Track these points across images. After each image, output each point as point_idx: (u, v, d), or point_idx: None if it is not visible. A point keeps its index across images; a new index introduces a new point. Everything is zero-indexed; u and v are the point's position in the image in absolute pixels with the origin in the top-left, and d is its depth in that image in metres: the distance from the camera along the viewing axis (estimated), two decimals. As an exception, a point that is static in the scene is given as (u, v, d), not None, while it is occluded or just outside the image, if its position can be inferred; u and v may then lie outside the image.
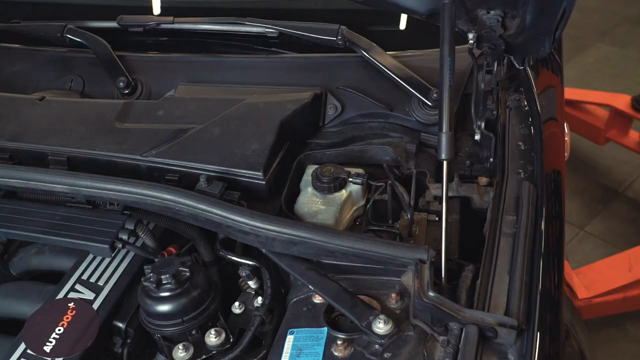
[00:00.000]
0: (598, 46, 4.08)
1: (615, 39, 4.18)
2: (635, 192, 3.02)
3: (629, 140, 2.96)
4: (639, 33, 4.23)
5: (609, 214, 2.90)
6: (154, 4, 1.73)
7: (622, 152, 3.04)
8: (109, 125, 1.31)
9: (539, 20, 1.09)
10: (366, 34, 1.44)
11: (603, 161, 3.14)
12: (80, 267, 1.17)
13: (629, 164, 3.11)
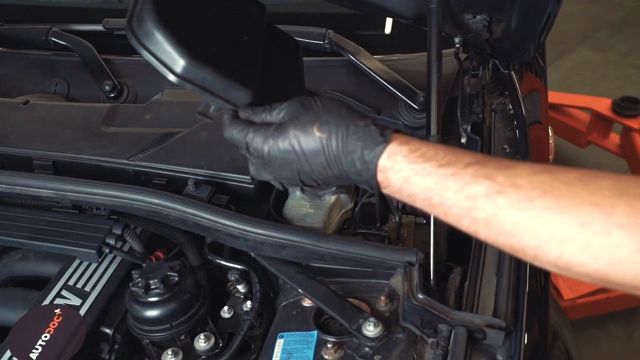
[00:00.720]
0: (579, 50, 4.14)
1: (596, 44, 4.24)
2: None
3: (609, 143, 3.01)
4: (618, 38, 4.30)
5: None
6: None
7: (603, 154, 3.09)
8: (95, 129, 1.30)
9: (524, 25, 1.10)
10: (353, 38, 1.45)
11: (585, 164, 3.18)
12: (66, 272, 1.15)
13: (609, 166, 3.15)
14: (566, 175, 0.63)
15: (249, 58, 0.90)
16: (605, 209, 0.59)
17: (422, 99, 1.35)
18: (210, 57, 0.83)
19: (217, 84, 0.84)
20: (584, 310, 2.29)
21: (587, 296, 2.27)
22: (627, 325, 2.44)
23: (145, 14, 0.81)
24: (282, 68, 1.01)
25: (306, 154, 0.77)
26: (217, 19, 0.89)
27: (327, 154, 0.76)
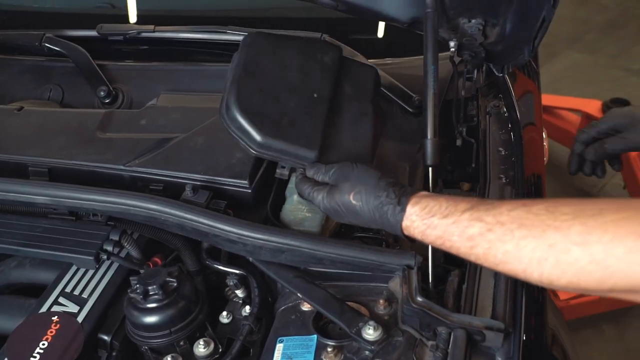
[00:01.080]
0: (568, 53, 4.18)
1: (585, 46, 4.28)
2: (607, 195, 3.09)
3: (600, 145, 3.03)
4: (607, 40, 4.34)
5: (584, 217, 2.96)
6: (130, 13, 1.72)
7: (594, 155, 3.11)
8: (91, 135, 1.29)
9: (518, 29, 1.12)
10: (347, 42, 1.45)
11: (576, 165, 3.20)
12: (63, 279, 1.15)
13: (600, 167, 3.18)
14: (537, 207, 0.77)
15: (317, 117, 1.09)
16: (563, 230, 0.73)
17: (417, 102, 1.36)
18: (281, 129, 1.05)
19: (287, 152, 1.06)
20: (577, 311, 2.31)
21: (580, 297, 2.29)
22: (618, 325, 2.46)
23: (231, 103, 1.06)
24: (353, 107, 1.14)
25: (348, 214, 0.99)
26: (289, 87, 1.09)
27: (364, 216, 0.97)
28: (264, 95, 1.06)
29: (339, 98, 1.13)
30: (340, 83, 1.15)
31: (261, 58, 1.12)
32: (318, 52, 1.17)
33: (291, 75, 1.11)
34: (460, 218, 0.84)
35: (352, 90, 1.16)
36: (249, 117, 1.03)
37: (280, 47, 1.15)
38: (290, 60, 1.13)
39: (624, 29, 4.44)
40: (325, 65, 1.15)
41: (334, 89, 1.13)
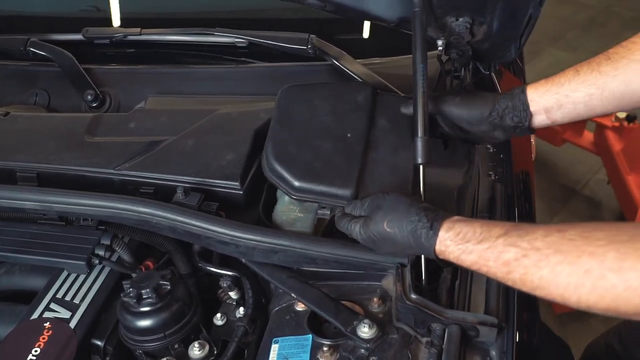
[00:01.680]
0: (550, 51, 4.22)
1: (567, 44, 4.33)
2: (591, 191, 3.13)
3: (583, 141, 3.07)
4: (588, 37, 4.39)
5: (569, 212, 2.99)
6: (113, 17, 1.71)
7: (577, 152, 3.15)
8: (79, 139, 1.28)
9: (505, 27, 1.13)
10: (334, 42, 1.46)
11: (561, 162, 3.24)
12: (54, 285, 1.14)
13: (584, 163, 3.22)
14: (571, 232, 0.78)
15: (351, 156, 1.12)
16: (599, 256, 0.74)
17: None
18: (315, 173, 1.10)
19: (324, 193, 1.09)
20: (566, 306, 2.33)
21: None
22: (606, 319, 2.48)
23: (268, 155, 1.13)
24: (390, 140, 1.16)
25: (385, 243, 0.98)
26: (323, 132, 1.14)
27: (400, 243, 0.96)
28: (299, 144, 1.13)
29: (374, 134, 1.16)
30: (375, 119, 1.18)
31: (294, 109, 1.19)
32: (349, 93, 1.21)
33: (324, 121, 1.16)
34: (495, 244, 0.85)
35: (388, 124, 1.18)
36: (284, 165, 1.10)
37: (313, 95, 1.21)
38: (322, 106, 1.18)
39: (605, 27, 4.50)
40: (358, 105, 1.19)
41: (368, 126, 1.16)
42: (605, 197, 3.03)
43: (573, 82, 1.00)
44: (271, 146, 1.13)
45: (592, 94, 0.99)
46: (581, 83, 1.00)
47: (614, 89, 0.98)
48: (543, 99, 1.03)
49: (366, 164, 1.12)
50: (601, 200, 3.05)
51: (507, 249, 0.83)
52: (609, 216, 2.99)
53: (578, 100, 1.01)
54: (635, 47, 0.96)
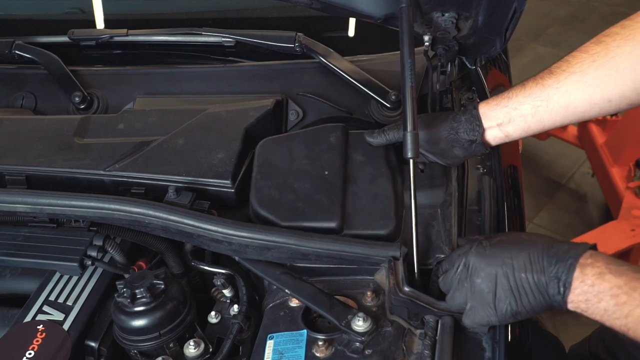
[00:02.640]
0: (533, 47, 4.26)
1: (548, 40, 4.38)
2: (576, 184, 3.17)
3: (568, 135, 3.11)
4: (569, 33, 4.45)
5: (554, 205, 3.03)
6: (97, 19, 1.70)
7: (562, 146, 3.19)
8: (68, 141, 1.28)
9: (490, 21, 1.14)
10: (321, 40, 1.47)
11: (546, 156, 3.28)
12: (46, 288, 1.14)
13: (568, 157, 3.26)
14: None
15: (332, 191, 1.16)
16: None
17: (393, 97, 1.38)
18: (299, 212, 1.14)
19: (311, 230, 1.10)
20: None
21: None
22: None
23: (253, 203, 1.17)
24: (368, 171, 1.20)
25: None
26: (301, 175, 1.19)
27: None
28: (280, 188, 1.17)
29: (351, 168, 1.21)
30: (350, 155, 1.23)
31: (273, 159, 1.23)
32: (322, 136, 1.25)
33: (301, 164, 1.21)
34: None
35: (363, 158, 1.23)
36: (268, 209, 1.14)
37: (288, 144, 1.25)
38: (298, 152, 1.23)
39: (585, 22, 4.56)
40: (332, 145, 1.23)
41: (344, 162, 1.21)
42: (590, 189, 3.07)
43: (520, 95, 1.06)
44: (254, 194, 1.17)
45: (539, 106, 1.04)
46: (527, 96, 1.05)
47: (558, 100, 1.03)
48: (493, 112, 1.08)
49: (347, 196, 1.16)
50: (586, 193, 3.10)
51: None
52: (594, 208, 3.03)
53: (526, 113, 1.05)
54: (574, 60, 1.02)
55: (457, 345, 0.95)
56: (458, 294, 0.95)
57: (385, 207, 1.15)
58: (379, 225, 1.13)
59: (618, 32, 0.99)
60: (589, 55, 1.01)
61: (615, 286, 0.83)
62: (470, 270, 0.94)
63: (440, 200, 1.18)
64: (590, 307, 0.85)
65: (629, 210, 2.46)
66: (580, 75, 1.01)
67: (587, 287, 0.85)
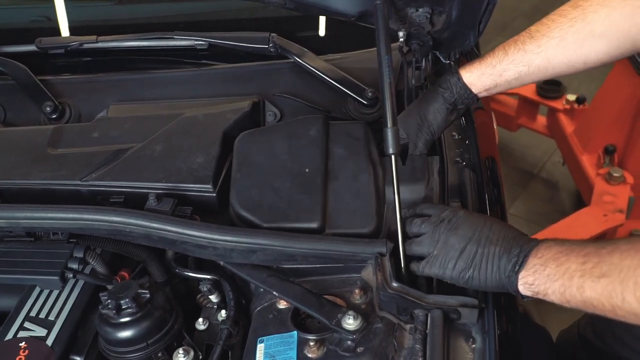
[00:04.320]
0: (499, 40, 4.24)
1: (514, 32, 4.35)
2: (548, 173, 3.23)
3: (538, 125, 3.16)
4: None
5: (529, 195, 3.08)
6: (61, 26, 1.67)
7: (533, 136, 3.24)
8: (41, 152, 1.25)
9: (464, 15, 1.15)
10: (295, 40, 1.46)
11: (517, 147, 3.33)
12: (26, 303, 1.11)
13: (539, 147, 3.32)
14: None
15: (312, 190, 1.15)
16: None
17: (370, 95, 1.38)
18: (280, 212, 1.13)
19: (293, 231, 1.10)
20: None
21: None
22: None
23: (233, 204, 1.15)
24: (349, 166, 1.19)
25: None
26: (281, 172, 1.17)
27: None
28: (260, 188, 1.16)
29: (332, 164, 1.20)
30: (330, 149, 1.22)
31: (252, 155, 1.21)
32: (302, 129, 1.24)
33: (281, 161, 1.19)
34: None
35: (344, 152, 1.22)
36: (249, 211, 1.13)
37: (267, 138, 1.24)
38: (278, 147, 1.21)
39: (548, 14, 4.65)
40: (312, 139, 1.22)
41: (324, 158, 1.20)
42: (562, 178, 3.13)
43: (504, 62, 1.13)
44: (235, 194, 1.16)
45: (521, 71, 1.12)
46: (511, 63, 1.12)
47: (538, 64, 1.10)
48: (480, 81, 1.16)
49: (328, 195, 1.16)
50: (558, 181, 3.16)
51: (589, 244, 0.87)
52: (566, 196, 3.09)
53: (510, 78, 1.14)
54: (554, 25, 1.09)
55: (448, 338, 0.96)
56: (429, 240, 1.00)
57: (367, 206, 1.15)
58: (360, 224, 1.13)
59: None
60: (567, 19, 1.07)
61: (557, 252, 0.89)
62: (452, 225, 0.99)
63: (422, 195, 1.19)
64: (537, 279, 0.90)
65: (600, 196, 2.51)
66: (560, 40, 1.07)
67: (537, 259, 0.91)
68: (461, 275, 0.96)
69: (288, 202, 1.14)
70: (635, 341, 1.32)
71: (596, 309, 0.85)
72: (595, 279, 0.83)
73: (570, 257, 0.87)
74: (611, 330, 1.38)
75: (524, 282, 0.91)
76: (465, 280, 0.96)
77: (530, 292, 0.92)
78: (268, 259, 1.09)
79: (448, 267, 0.97)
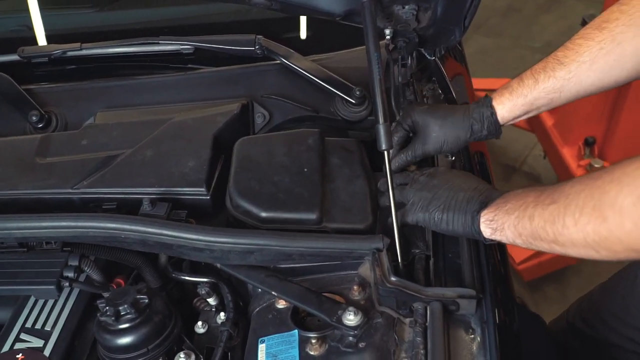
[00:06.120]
0: (475, 38, 4.38)
1: (489, 30, 4.51)
2: (529, 167, 3.27)
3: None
4: (508, 23, 4.60)
5: (512, 189, 3.09)
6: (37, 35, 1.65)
7: (513, 131, 3.28)
8: (30, 161, 1.23)
9: (449, 11, 1.17)
10: (281, 41, 1.46)
11: (499, 142, 3.34)
12: (21, 315, 1.10)
13: (520, 141, 3.37)
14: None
15: (312, 185, 1.18)
16: (608, 168, 0.82)
17: (358, 93, 1.39)
18: (279, 202, 1.14)
19: (291, 220, 1.13)
20: (524, 276, 2.43)
21: (522, 263, 2.41)
22: (559, 285, 2.62)
23: (232, 193, 1.16)
24: (344, 172, 1.23)
25: None
26: (281, 169, 1.19)
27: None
28: (260, 181, 1.17)
29: (329, 169, 1.22)
30: (327, 158, 1.25)
31: (252, 154, 1.23)
32: (300, 138, 1.27)
33: (281, 160, 1.21)
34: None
35: (339, 161, 1.25)
36: (248, 199, 1.14)
37: (267, 142, 1.25)
38: (278, 150, 1.24)
39: (521, 12, 4.73)
40: (310, 146, 1.25)
41: (322, 163, 1.23)
42: (543, 171, 3.18)
43: (535, 91, 1.10)
44: (233, 185, 1.17)
45: (553, 98, 1.10)
46: (542, 91, 1.09)
47: (570, 89, 1.09)
48: (512, 113, 1.13)
49: (326, 192, 1.18)
50: (540, 174, 3.20)
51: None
52: (548, 189, 3.13)
53: (541, 105, 1.12)
54: (582, 49, 1.07)
55: (447, 330, 0.97)
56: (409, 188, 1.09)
57: (363, 204, 1.17)
58: (357, 220, 1.14)
59: (618, 18, 1.05)
60: (595, 42, 1.06)
61: (521, 193, 0.95)
62: (430, 177, 1.09)
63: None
64: (497, 214, 0.95)
65: (582, 187, 2.55)
66: (590, 63, 1.06)
67: (501, 199, 0.97)
68: (432, 217, 1.03)
69: (287, 194, 1.15)
70: (623, 326, 1.34)
71: (541, 239, 0.88)
72: (545, 206, 0.87)
73: (530, 192, 0.92)
74: (598, 315, 1.41)
75: (486, 219, 0.97)
76: (436, 222, 1.03)
77: (490, 229, 0.96)
78: (265, 259, 1.09)
79: (422, 210, 1.05)
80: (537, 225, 0.88)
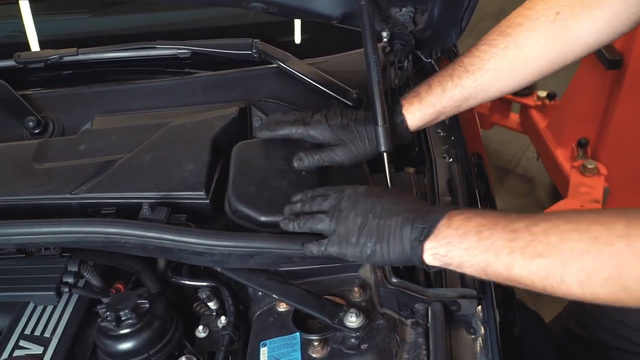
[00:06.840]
0: (467, 41, 4.36)
1: (481, 33, 4.49)
2: (523, 168, 3.29)
3: (510, 122, 3.23)
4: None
5: (506, 191, 3.14)
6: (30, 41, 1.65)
7: (506, 133, 3.31)
8: (27, 167, 1.22)
9: (446, 13, 1.18)
10: (278, 45, 1.47)
11: (492, 145, 3.39)
12: (20, 321, 1.09)
13: (513, 144, 3.39)
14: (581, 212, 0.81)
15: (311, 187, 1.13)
16: (608, 225, 0.75)
17: (355, 96, 1.40)
18: (278, 206, 1.10)
19: None
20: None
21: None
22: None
23: (231, 199, 1.14)
24: (344, 174, 1.19)
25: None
26: (279, 174, 1.18)
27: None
28: (258, 186, 1.15)
29: (327, 173, 1.20)
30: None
31: (250, 159, 1.21)
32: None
33: (279, 165, 1.19)
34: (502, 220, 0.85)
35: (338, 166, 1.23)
36: (247, 204, 1.12)
37: (265, 147, 1.23)
38: (276, 154, 1.21)
39: (513, 15, 4.76)
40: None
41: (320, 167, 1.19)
42: (537, 172, 3.20)
43: (443, 100, 1.12)
44: (232, 191, 1.15)
45: (460, 105, 1.13)
46: (450, 99, 1.12)
47: (477, 96, 1.12)
48: (422, 120, 1.14)
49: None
50: (534, 176, 3.22)
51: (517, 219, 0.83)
52: (542, 189, 3.15)
53: (449, 112, 1.14)
54: (486, 56, 1.10)
55: (449, 330, 0.97)
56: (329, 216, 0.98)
57: None
58: None
59: (522, 24, 1.07)
60: (499, 49, 1.08)
61: (479, 224, 0.85)
62: (352, 201, 0.97)
63: None
64: (452, 250, 0.86)
65: (576, 188, 2.56)
66: (495, 71, 1.09)
67: (452, 230, 0.87)
68: (363, 251, 0.93)
69: (286, 198, 1.13)
70: (620, 327, 1.34)
71: (522, 285, 0.83)
72: (529, 258, 0.80)
73: (494, 231, 0.83)
74: (592, 317, 1.41)
75: (434, 252, 0.88)
76: (368, 256, 0.93)
77: (441, 262, 0.89)
78: (266, 262, 1.09)
79: (350, 243, 0.94)
80: (520, 275, 0.81)
